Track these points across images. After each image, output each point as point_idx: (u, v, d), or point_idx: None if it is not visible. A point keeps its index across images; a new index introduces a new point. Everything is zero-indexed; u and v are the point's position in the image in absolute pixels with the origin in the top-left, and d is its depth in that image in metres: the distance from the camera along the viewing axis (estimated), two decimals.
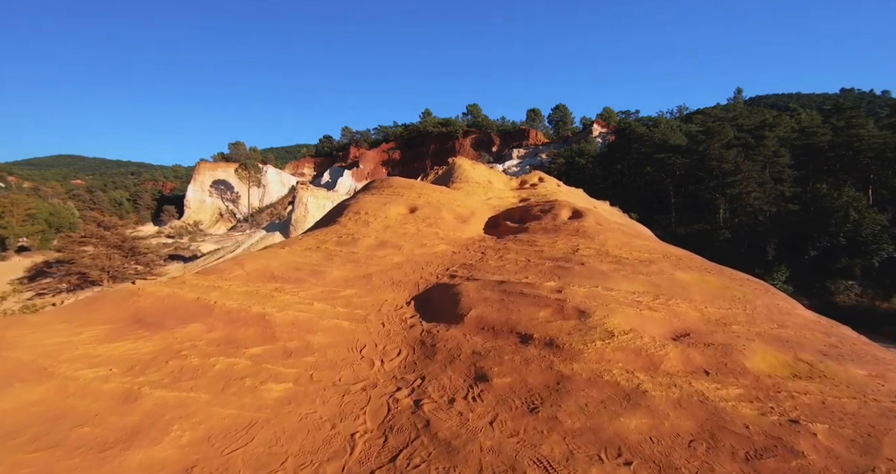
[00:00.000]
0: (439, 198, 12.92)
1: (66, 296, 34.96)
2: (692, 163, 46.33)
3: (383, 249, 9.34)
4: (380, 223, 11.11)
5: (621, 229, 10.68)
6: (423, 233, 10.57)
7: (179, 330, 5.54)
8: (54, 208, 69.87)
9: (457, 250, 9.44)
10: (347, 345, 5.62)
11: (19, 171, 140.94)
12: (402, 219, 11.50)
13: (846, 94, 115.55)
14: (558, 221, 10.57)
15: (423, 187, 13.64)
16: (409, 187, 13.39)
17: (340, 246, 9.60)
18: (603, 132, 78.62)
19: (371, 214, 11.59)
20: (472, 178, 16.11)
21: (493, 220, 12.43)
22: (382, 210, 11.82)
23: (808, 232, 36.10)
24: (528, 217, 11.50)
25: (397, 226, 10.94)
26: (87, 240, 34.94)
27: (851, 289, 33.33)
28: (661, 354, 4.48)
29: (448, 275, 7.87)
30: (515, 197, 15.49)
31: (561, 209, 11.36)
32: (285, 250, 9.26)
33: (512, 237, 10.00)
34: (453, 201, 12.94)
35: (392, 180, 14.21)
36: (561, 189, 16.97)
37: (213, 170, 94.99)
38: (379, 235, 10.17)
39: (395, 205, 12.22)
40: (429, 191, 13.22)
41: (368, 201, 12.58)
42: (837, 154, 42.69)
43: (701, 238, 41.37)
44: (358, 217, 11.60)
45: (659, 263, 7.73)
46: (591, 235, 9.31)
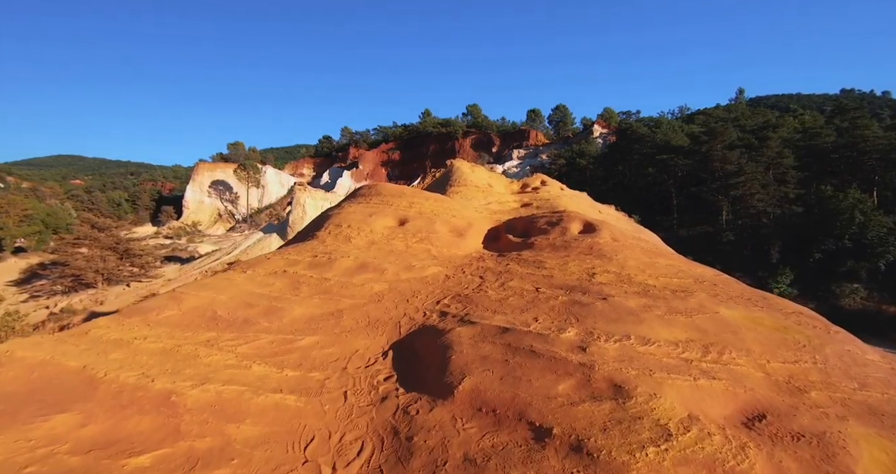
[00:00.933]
0: (433, 207, 11.77)
1: (61, 299, 34.52)
2: (694, 165, 45.82)
3: (363, 273, 8.03)
4: (363, 238, 9.91)
5: (640, 245, 9.40)
6: (413, 251, 9.41)
7: (38, 425, 3.71)
8: (51, 209, 69.40)
9: (451, 273, 8.18)
10: (288, 438, 3.96)
11: (18, 172, 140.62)
12: (390, 233, 10.26)
13: (846, 94, 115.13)
14: (568, 236, 9.34)
15: (414, 195, 12.43)
16: (399, 195, 12.18)
17: (312, 269, 8.22)
18: (603, 133, 78.10)
19: (354, 228, 10.36)
20: (472, 182, 15.19)
21: (493, 233, 11.26)
22: (367, 222, 10.59)
23: (812, 234, 35.60)
24: (534, 230, 10.30)
25: (383, 243, 9.76)
26: (81, 242, 34.51)
27: (857, 292, 32.80)
28: (745, 469, 3.06)
29: (438, 311, 6.48)
30: (517, 201, 14.68)
31: (570, 221, 10.13)
32: (244, 276, 7.86)
33: (515, 255, 8.79)
34: (448, 211, 11.80)
35: (381, 187, 13.01)
36: (564, 193, 16.23)
37: (211, 171, 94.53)
38: (360, 255, 8.89)
39: (382, 217, 10.98)
40: (421, 200, 12.02)
41: (352, 212, 11.30)
42: (842, 155, 42.21)
43: (703, 240, 40.90)
44: (339, 231, 10.33)
45: (696, 295, 6.44)
46: (607, 255, 8.16)
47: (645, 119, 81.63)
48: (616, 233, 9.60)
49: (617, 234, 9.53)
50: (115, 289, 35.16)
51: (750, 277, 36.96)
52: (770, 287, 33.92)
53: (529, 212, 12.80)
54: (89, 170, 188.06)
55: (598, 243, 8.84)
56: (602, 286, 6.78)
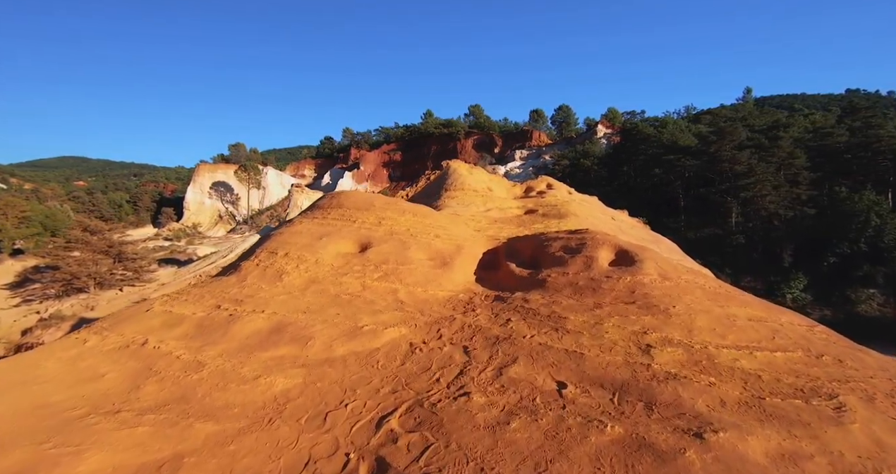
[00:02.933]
0: (410, 224, 9.11)
1: (53, 303, 33.75)
2: (702, 165, 44.58)
3: (271, 348, 5.23)
4: (302, 274, 7.22)
5: (699, 283, 6.57)
6: (370, 295, 6.80)
7: None
8: (50, 211, 68.97)
9: (419, 339, 5.50)
10: None
11: (22, 173, 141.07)
12: (343, 264, 7.62)
13: (851, 94, 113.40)
14: (595, 272, 6.63)
15: (386, 207, 9.67)
16: (366, 208, 9.52)
17: (192, 339, 5.43)
18: (607, 133, 76.88)
19: (293, 257, 7.69)
20: (469, 186, 13.41)
21: (490, 256, 8.68)
22: (314, 248, 7.93)
23: (826, 237, 34.35)
24: (545, 257, 7.60)
25: (329, 281, 7.13)
26: (73, 246, 33.72)
27: (873, 298, 31.52)
28: None
29: (373, 453, 3.45)
30: (520, 207, 13.11)
31: (597, 248, 7.32)
32: (66, 357, 5.06)
33: (521, 301, 6.30)
34: (430, 228, 9.08)
35: (345, 197, 10.29)
36: (573, 197, 14.69)
37: (212, 172, 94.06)
38: (284, 306, 6.28)
39: (337, 239, 8.35)
40: (394, 214, 9.31)
41: (298, 233, 8.64)
42: (855, 155, 40.88)
43: (712, 243, 39.66)
44: (271, 262, 7.64)
45: (846, 405, 3.69)
46: (660, 305, 5.57)
47: (650, 119, 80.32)
48: (664, 267, 6.75)
49: (666, 269, 6.71)
50: (107, 294, 34.39)
51: (761, 282, 35.74)
52: (783, 292, 32.73)
53: (534, 222, 11.25)
54: (93, 171, 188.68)
55: (643, 285, 6.08)
56: (671, 380, 4.12)
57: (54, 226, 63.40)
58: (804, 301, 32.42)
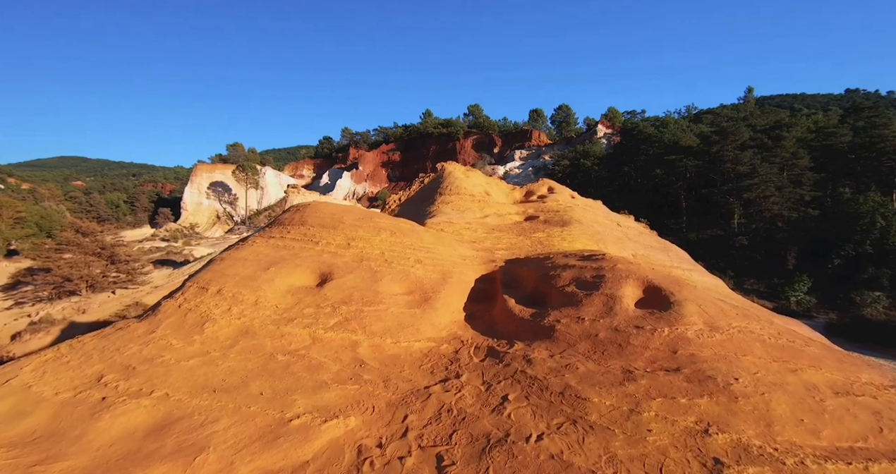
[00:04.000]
0: (385, 246, 7.54)
1: (45, 306, 33.21)
2: (704, 166, 44.03)
3: (137, 470, 3.43)
4: (231, 323, 5.60)
5: (755, 334, 4.83)
6: (320, 353, 5.23)
7: None
8: (45, 211, 68.40)
9: (372, 441, 3.84)
10: None
11: (20, 173, 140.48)
12: (292, 305, 5.95)
13: (851, 94, 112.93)
14: (620, 318, 5.00)
15: (359, 224, 8.03)
16: (333, 225, 7.93)
17: (32, 446, 3.75)
18: (608, 133, 76.35)
19: (228, 294, 6.06)
20: (466, 190, 12.64)
21: (483, 285, 7.19)
22: (258, 282, 6.30)
23: (830, 239, 33.81)
24: (552, 291, 6.05)
25: (267, 332, 5.53)
26: (65, 248, 33.17)
27: (879, 301, 30.94)
28: None
29: None
30: (520, 213, 12.40)
31: (620, 283, 5.64)
32: None
33: (522, 360, 4.78)
34: (410, 251, 7.53)
35: (310, 211, 8.51)
36: (576, 202, 13.94)
37: (210, 172, 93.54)
38: (190, 378, 4.70)
39: (290, 269, 6.68)
40: (367, 234, 7.74)
41: (243, 259, 6.98)
42: (859, 156, 40.33)
43: (715, 244, 39.15)
44: (199, 301, 6.08)
45: None
46: (717, 378, 3.99)
47: (650, 119, 79.78)
48: (709, 311, 5.02)
49: (712, 312, 5.00)
50: (99, 297, 33.84)
51: (764, 284, 35.19)
52: (787, 295, 32.19)
53: (535, 230, 10.41)
54: (92, 171, 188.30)
55: (687, 341, 4.49)
56: None
57: (50, 227, 62.86)
58: (808, 304, 31.88)
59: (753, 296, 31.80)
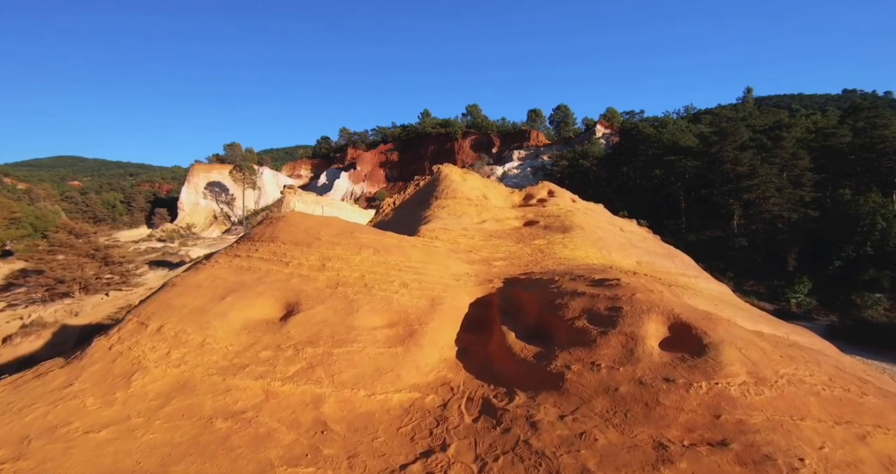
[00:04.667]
0: (367, 266, 6.53)
1: (37, 308, 32.79)
2: (704, 166, 43.78)
3: None
4: (166, 373, 4.54)
5: (805, 384, 3.93)
6: (272, 415, 4.25)
7: None
8: (40, 212, 67.88)
9: None
10: None
11: (17, 173, 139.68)
12: (246, 347, 4.89)
13: (848, 94, 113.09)
14: (645, 366, 4.11)
15: (338, 240, 6.97)
16: (307, 243, 6.84)
17: None
18: (606, 133, 76.16)
19: (170, 333, 5.02)
20: (462, 194, 12.02)
21: (479, 311, 6.25)
22: (209, 316, 5.27)
23: (830, 240, 33.62)
24: (559, 325, 5.12)
25: (209, 386, 4.46)
26: (57, 249, 32.74)
27: (880, 302, 30.76)
28: None
29: None
30: (519, 218, 11.89)
31: (640, 320, 4.64)
32: None
33: (524, 424, 3.94)
34: (396, 272, 6.55)
35: (284, 225, 7.42)
36: (577, 206, 13.48)
37: (207, 172, 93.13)
38: (95, 461, 3.56)
39: (250, 298, 5.62)
40: (346, 252, 6.71)
41: (197, 286, 5.99)
42: (859, 156, 40.12)
43: (714, 245, 38.90)
44: (134, 341, 5.00)
45: None
46: (775, 457, 3.08)
47: (649, 119, 79.57)
48: (752, 354, 4.09)
49: (755, 357, 4.06)
50: (92, 299, 33.43)
51: (764, 285, 34.97)
52: (787, 296, 31.98)
53: (535, 236, 9.90)
54: (89, 171, 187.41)
55: (731, 400, 3.60)
56: None
57: (45, 228, 62.36)
58: (809, 305, 31.68)
59: (753, 297, 31.58)
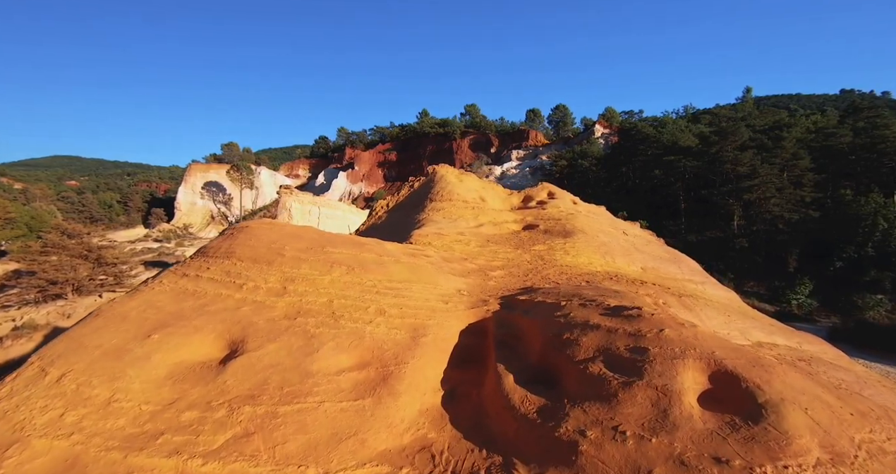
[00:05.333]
0: (338, 288, 5.35)
1: (29, 310, 32.36)
2: (703, 166, 43.49)
3: None
4: (52, 449, 3.12)
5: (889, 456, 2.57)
6: None
7: None
8: (35, 212, 67.33)
9: None
10: None
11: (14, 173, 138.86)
12: (166, 405, 3.53)
13: (846, 95, 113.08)
14: (681, 434, 2.82)
15: (304, 256, 5.78)
16: (268, 260, 5.65)
17: None
18: (605, 133, 75.88)
19: (70, 386, 3.63)
20: (458, 195, 11.54)
21: (470, 341, 5.07)
22: (126, 361, 3.92)
23: (831, 241, 33.34)
24: (569, 368, 3.94)
25: (104, 467, 2.97)
26: (50, 250, 32.29)
27: (881, 304, 30.49)
28: None
29: None
30: (517, 221, 11.37)
31: (674, 369, 3.35)
32: None
33: None
34: (372, 295, 5.38)
35: (244, 238, 6.17)
36: (578, 208, 12.93)
37: (204, 172, 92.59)
38: None
39: (184, 335, 4.31)
40: (314, 270, 5.55)
41: (121, 317, 4.63)
42: (859, 157, 39.88)
43: (714, 246, 38.59)
44: (26, 396, 3.58)
45: None
46: None
47: (648, 119, 79.30)
48: (822, 420, 2.82)
49: (825, 421, 2.81)
50: (86, 301, 32.98)
51: (765, 286, 34.67)
52: (788, 298, 31.69)
53: (535, 241, 9.39)
54: (86, 170, 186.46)
55: None
56: None
57: (40, 228, 61.87)
58: (810, 307, 31.39)
59: (754, 298, 31.30)
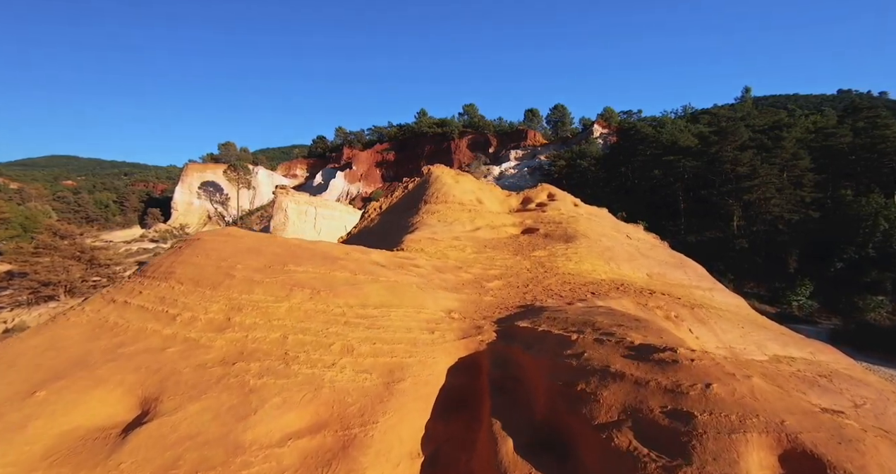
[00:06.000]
0: (294, 320, 4.19)
1: (21, 311, 31.93)
2: (703, 166, 43.21)
3: None
4: None
5: None
6: None
7: None
8: (30, 212, 66.73)
9: None
10: None
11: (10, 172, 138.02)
12: None
13: (843, 95, 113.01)
14: None
15: (262, 275, 4.68)
16: (215, 282, 4.54)
17: None
18: (604, 133, 75.60)
19: None
20: (454, 198, 10.91)
21: (460, 382, 4.03)
22: None
23: (832, 242, 33.10)
24: (586, 434, 2.74)
25: None
26: (42, 251, 31.84)
27: (882, 305, 30.25)
28: None
29: None
30: (516, 225, 10.80)
31: (735, 452, 2.09)
32: None
33: None
34: (336, 330, 4.16)
35: (190, 253, 5.06)
36: (580, 210, 12.33)
37: (201, 172, 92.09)
38: None
39: (80, 389, 3.14)
40: (269, 297, 4.42)
41: (12, 362, 3.47)
42: (860, 157, 39.64)
43: (714, 247, 38.31)
44: None
45: None
46: None
47: (647, 118, 79.01)
48: None
49: None
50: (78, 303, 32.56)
51: (765, 287, 34.40)
52: (788, 299, 31.44)
53: (535, 246, 8.83)
54: (83, 170, 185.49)
55: None
56: None
57: (34, 228, 61.33)
58: (811, 308, 31.16)
59: (754, 300, 31.00)
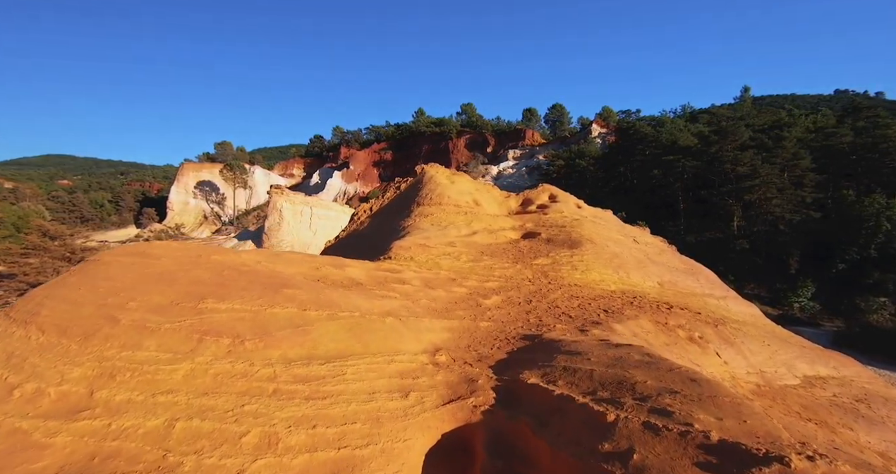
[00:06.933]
0: (196, 388, 2.82)
1: None
2: (703, 166, 42.82)
3: None
4: None
5: None
6: None
7: None
8: (23, 212, 65.92)
9: None
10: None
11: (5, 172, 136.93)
12: None
13: (840, 95, 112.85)
14: None
15: (162, 316, 3.34)
16: (88, 331, 3.18)
17: None
18: (602, 132, 75.25)
19: None
20: (449, 199, 10.08)
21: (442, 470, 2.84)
22: None
23: (833, 242, 32.75)
24: None
25: None
26: (30, 252, 31.21)
27: (885, 307, 29.90)
28: None
29: None
30: (515, 228, 9.95)
31: None
32: None
33: None
34: (260, 400, 2.83)
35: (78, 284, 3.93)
36: (583, 213, 11.47)
37: (197, 171, 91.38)
38: None
39: None
40: (166, 352, 3.02)
41: None
42: (861, 156, 39.30)
43: (714, 247, 37.91)
44: None
45: None
46: None
47: (646, 118, 78.64)
48: None
49: None
50: None
51: (766, 288, 34.03)
52: (790, 300, 31.08)
53: (537, 253, 8.05)
54: (79, 170, 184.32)
55: None
56: None
57: (27, 228, 60.61)
58: (812, 310, 30.80)
59: (755, 301, 30.61)
